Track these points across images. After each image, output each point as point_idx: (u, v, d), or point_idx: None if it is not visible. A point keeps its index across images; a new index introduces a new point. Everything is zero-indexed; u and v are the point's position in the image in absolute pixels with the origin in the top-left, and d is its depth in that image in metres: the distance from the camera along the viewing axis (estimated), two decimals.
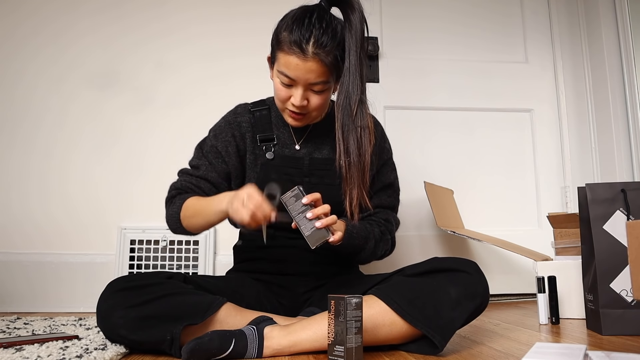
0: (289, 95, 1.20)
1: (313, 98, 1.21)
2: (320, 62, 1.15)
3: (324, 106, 1.24)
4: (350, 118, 1.18)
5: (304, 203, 1.07)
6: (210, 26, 2.12)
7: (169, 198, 1.31)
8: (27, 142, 2.01)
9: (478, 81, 2.26)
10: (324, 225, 1.06)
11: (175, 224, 1.28)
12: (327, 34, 1.15)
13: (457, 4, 2.30)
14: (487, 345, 1.15)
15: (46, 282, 1.92)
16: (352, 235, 1.22)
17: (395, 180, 1.40)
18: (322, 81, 1.17)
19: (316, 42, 1.13)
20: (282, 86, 1.20)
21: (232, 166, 1.32)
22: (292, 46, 1.14)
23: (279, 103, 1.25)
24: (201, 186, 1.29)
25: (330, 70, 1.17)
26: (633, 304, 1.26)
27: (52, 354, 1.01)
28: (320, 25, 1.15)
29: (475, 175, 2.21)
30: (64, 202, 1.98)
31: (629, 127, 2.03)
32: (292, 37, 1.14)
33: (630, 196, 1.30)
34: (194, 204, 1.24)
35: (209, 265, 1.97)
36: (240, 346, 0.99)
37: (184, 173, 1.33)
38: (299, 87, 1.18)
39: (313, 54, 1.14)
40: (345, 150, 1.20)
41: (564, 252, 1.66)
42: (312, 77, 1.16)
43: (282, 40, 1.16)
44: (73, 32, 2.07)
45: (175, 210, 1.26)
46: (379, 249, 1.31)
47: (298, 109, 1.21)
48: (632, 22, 2.04)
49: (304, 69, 1.15)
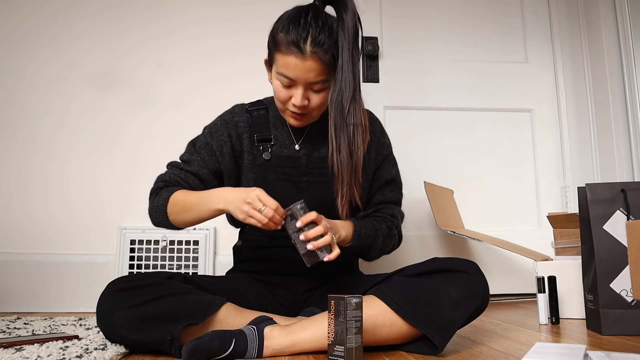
0: (290, 95, 1.20)
1: (313, 97, 1.21)
2: (318, 61, 1.14)
3: (324, 105, 1.24)
4: (342, 116, 1.18)
5: (297, 227, 1.08)
6: (210, 26, 2.12)
7: (155, 189, 1.30)
8: (27, 142, 2.01)
9: (478, 81, 2.26)
10: (316, 247, 1.07)
11: (159, 216, 1.26)
12: (324, 32, 1.15)
13: (457, 4, 2.30)
14: (487, 345, 1.15)
15: (46, 282, 1.92)
16: (360, 236, 1.24)
17: (397, 175, 1.41)
18: (321, 80, 1.17)
19: (313, 40, 1.13)
20: (282, 87, 1.20)
21: (224, 166, 1.31)
22: (290, 46, 1.14)
23: (280, 104, 1.25)
24: (189, 182, 1.28)
25: (329, 68, 1.17)
26: (633, 304, 1.26)
27: (52, 354, 1.01)
28: (317, 24, 1.15)
29: (475, 175, 2.21)
30: (64, 202, 1.99)
31: (629, 127, 2.03)
32: (290, 38, 1.14)
33: (630, 196, 1.30)
34: (184, 198, 1.22)
35: (209, 265, 1.97)
36: (241, 346, 0.99)
37: (174, 166, 1.32)
38: (299, 87, 1.18)
39: (311, 53, 1.14)
40: (337, 148, 1.19)
41: (564, 252, 1.66)
42: (311, 76, 1.16)
43: (279, 42, 1.16)
44: (73, 32, 2.07)
45: (162, 203, 1.25)
46: (387, 245, 1.33)
47: (299, 109, 1.21)
48: (632, 22, 2.04)
49: (303, 69, 1.15)
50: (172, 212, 1.24)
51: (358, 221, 1.27)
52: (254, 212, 1.08)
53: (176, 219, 1.25)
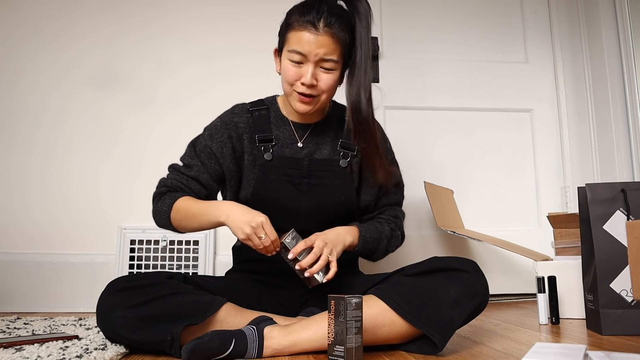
0: (299, 75, 1.20)
1: (323, 77, 1.20)
2: (332, 37, 1.17)
3: (332, 88, 1.24)
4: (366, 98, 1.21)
5: (289, 259, 1.13)
6: (210, 26, 2.12)
7: (158, 194, 1.30)
8: (27, 142, 2.01)
9: (478, 81, 2.26)
10: (312, 274, 1.12)
11: (163, 221, 1.28)
12: (338, 14, 1.19)
13: (457, 4, 2.30)
14: (487, 345, 1.15)
15: (46, 282, 1.92)
16: (365, 240, 1.26)
17: (400, 178, 1.42)
18: (332, 59, 1.19)
19: (327, 18, 1.17)
20: (292, 66, 1.20)
21: (226, 168, 1.31)
22: (304, 23, 1.17)
23: (287, 87, 1.24)
24: (191, 187, 1.29)
25: (342, 47, 1.19)
26: (633, 304, 1.26)
27: (52, 354, 1.01)
28: (331, 8, 1.19)
29: (475, 175, 2.21)
30: (64, 202, 1.98)
31: (629, 127, 2.03)
32: (304, 17, 1.17)
33: (630, 196, 1.30)
34: (187, 207, 1.23)
35: (209, 265, 1.97)
36: (241, 346, 0.99)
37: (175, 170, 1.32)
38: (309, 64, 1.18)
39: (325, 28, 1.16)
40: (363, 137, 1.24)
41: (564, 252, 1.66)
42: (322, 51, 1.17)
43: (293, 22, 1.19)
44: (73, 32, 2.07)
45: (166, 209, 1.26)
46: (390, 245, 1.35)
47: (308, 89, 1.20)
48: (632, 22, 2.05)
49: (315, 43, 1.16)
50: (175, 219, 1.25)
51: (363, 225, 1.29)
52: (254, 237, 1.11)
53: (179, 226, 1.27)
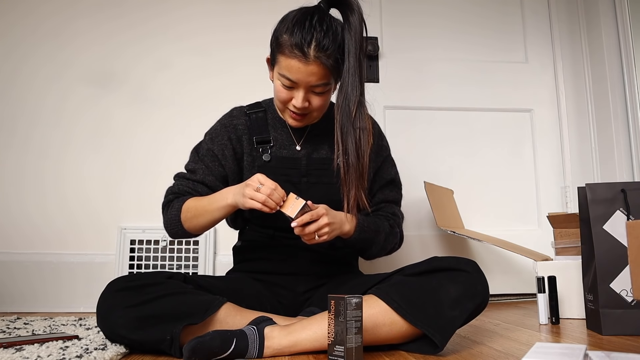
0: (290, 97, 1.21)
1: (314, 99, 1.21)
2: (321, 65, 1.15)
3: (324, 107, 1.25)
4: (350, 120, 1.19)
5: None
6: (210, 24, 2.12)
7: (166, 202, 1.31)
8: (25, 142, 2.00)
9: (478, 81, 2.26)
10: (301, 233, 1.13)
11: (175, 227, 1.27)
12: (329, 37, 1.15)
13: (457, 4, 2.30)
14: (487, 345, 1.15)
15: (46, 282, 1.92)
16: (363, 228, 1.25)
17: (396, 176, 1.42)
18: (323, 83, 1.18)
19: (317, 45, 1.14)
20: (283, 88, 1.20)
21: (229, 169, 1.32)
22: (293, 50, 1.14)
23: (280, 104, 1.26)
24: (198, 190, 1.29)
25: (332, 72, 1.17)
26: (633, 304, 1.26)
27: (52, 354, 1.01)
28: (322, 28, 1.15)
29: (475, 175, 2.21)
30: (63, 202, 1.98)
31: (629, 127, 2.03)
32: (293, 40, 1.14)
33: (630, 196, 1.30)
34: (195, 205, 1.24)
35: (209, 265, 1.97)
36: (241, 346, 0.99)
37: (181, 177, 1.33)
38: (301, 90, 1.19)
39: (315, 57, 1.14)
40: (344, 151, 1.20)
41: (564, 252, 1.66)
42: (313, 79, 1.17)
43: (283, 44, 1.16)
44: (70, 31, 2.07)
45: (175, 214, 1.26)
46: (388, 242, 1.33)
47: (299, 110, 1.22)
48: (632, 22, 2.04)
49: (305, 72, 1.15)
50: (186, 219, 1.25)
51: (361, 216, 1.28)
52: (253, 192, 1.10)
53: (191, 226, 1.25)
